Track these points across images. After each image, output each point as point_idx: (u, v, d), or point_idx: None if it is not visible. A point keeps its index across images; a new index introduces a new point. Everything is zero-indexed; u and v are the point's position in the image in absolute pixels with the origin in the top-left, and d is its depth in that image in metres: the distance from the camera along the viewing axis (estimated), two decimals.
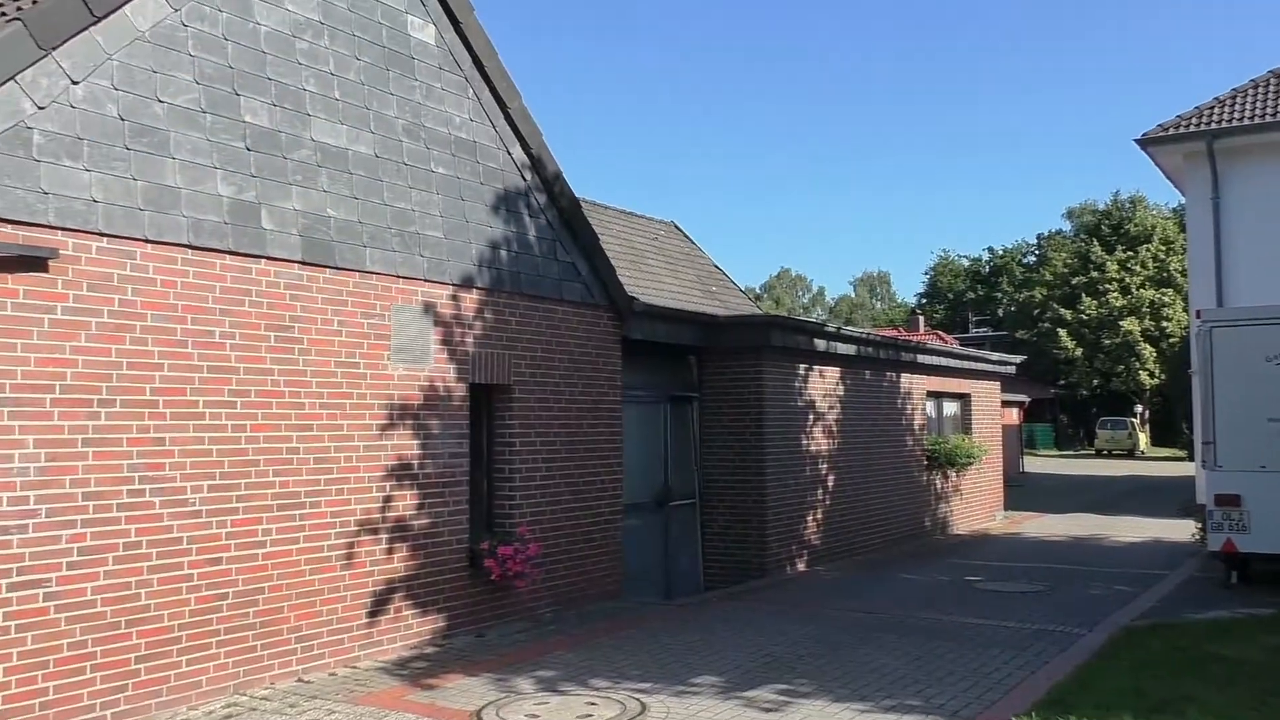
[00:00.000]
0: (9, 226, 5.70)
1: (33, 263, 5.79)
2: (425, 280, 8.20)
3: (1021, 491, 24.83)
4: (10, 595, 5.64)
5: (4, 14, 6.26)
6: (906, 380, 15.78)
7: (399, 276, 7.98)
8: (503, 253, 8.95)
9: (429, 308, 8.23)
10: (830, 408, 13.58)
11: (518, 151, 9.20)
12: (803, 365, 12.99)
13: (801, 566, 12.72)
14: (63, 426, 5.92)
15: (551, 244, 9.54)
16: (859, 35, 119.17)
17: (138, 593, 6.23)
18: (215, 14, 6.84)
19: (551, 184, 9.48)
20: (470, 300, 8.61)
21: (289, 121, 7.26)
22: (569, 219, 9.72)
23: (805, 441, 12.95)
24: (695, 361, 12.39)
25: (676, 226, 19.45)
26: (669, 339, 11.41)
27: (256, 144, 7.03)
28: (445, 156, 8.49)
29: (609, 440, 10.18)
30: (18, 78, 5.77)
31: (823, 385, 13.44)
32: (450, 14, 8.56)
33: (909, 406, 15.87)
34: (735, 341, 12.17)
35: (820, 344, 13.16)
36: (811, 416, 13.13)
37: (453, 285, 8.45)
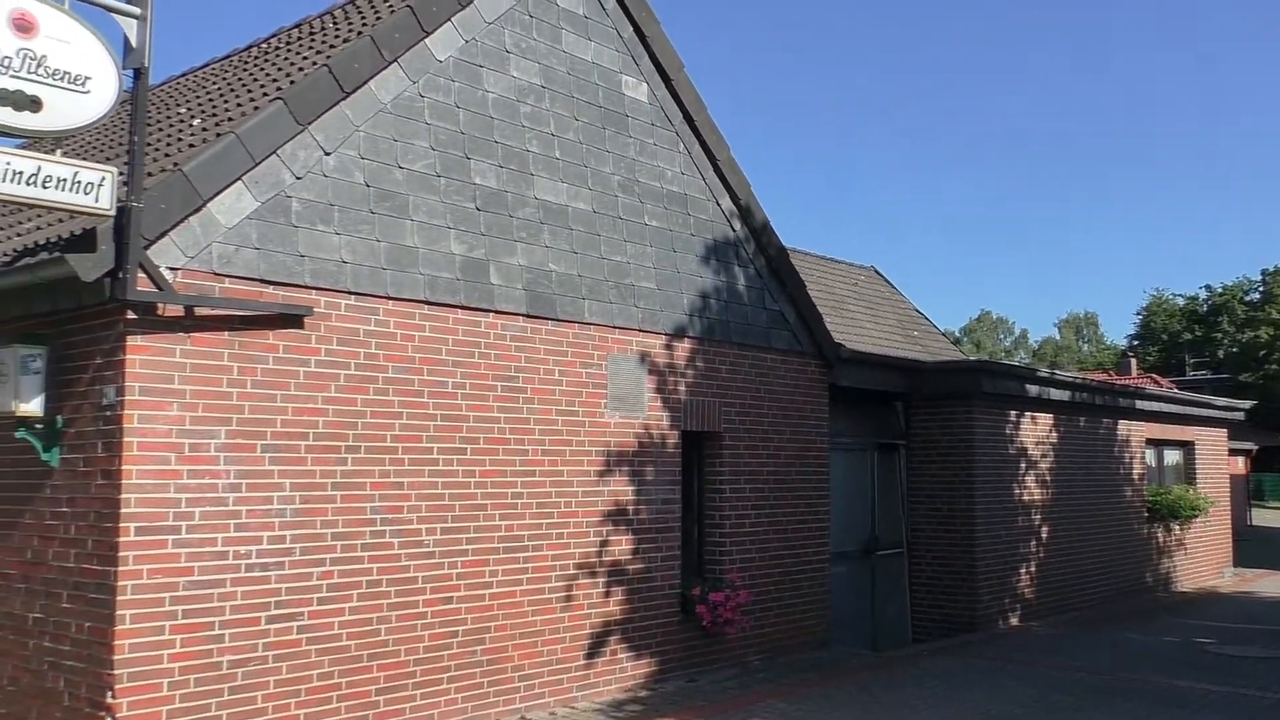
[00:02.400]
0: (271, 287, 6.23)
1: (291, 320, 6.29)
2: (640, 330, 8.39)
3: (1250, 546, 22.78)
4: (269, 627, 6.08)
5: (266, 95, 6.89)
6: (1124, 427, 14.84)
7: (615, 327, 8.20)
8: (713, 302, 9.05)
9: (643, 357, 8.40)
10: (1043, 456, 12.93)
11: (726, 202, 9.32)
12: (1013, 412, 12.44)
13: (1014, 621, 12.09)
14: (315, 471, 6.36)
15: (760, 292, 9.57)
16: (1057, 64, 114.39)
17: (378, 628, 6.59)
18: (448, 84, 7.29)
19: (759, 233, 9.54)
20: (682, 349, 8.74)
21: (514, 181, 7.63)
22: (776, 267, 9.74)
23: (1017, 491, 12.36)
24: (902, 408, 12.08)
25: (877, 271, 19.16)
26: (875, 385, 11.19)
27: (485, 204, 7.41)
28: (658, 210, 8.70)
29: (816, 488, 10.04)
30: (279, 151, 6.32)
31: (1035, 432, 12.82)
32: (662, 72, 8.80)
33: (1127, 455, 14.90)
34: (943, 388, 11.80)
35: (1032, 389, 12.58)
36: (1023, 465, 12.54)
37: (666, 335, 8.60)
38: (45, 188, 5.06)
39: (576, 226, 8.02)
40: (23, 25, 4.91)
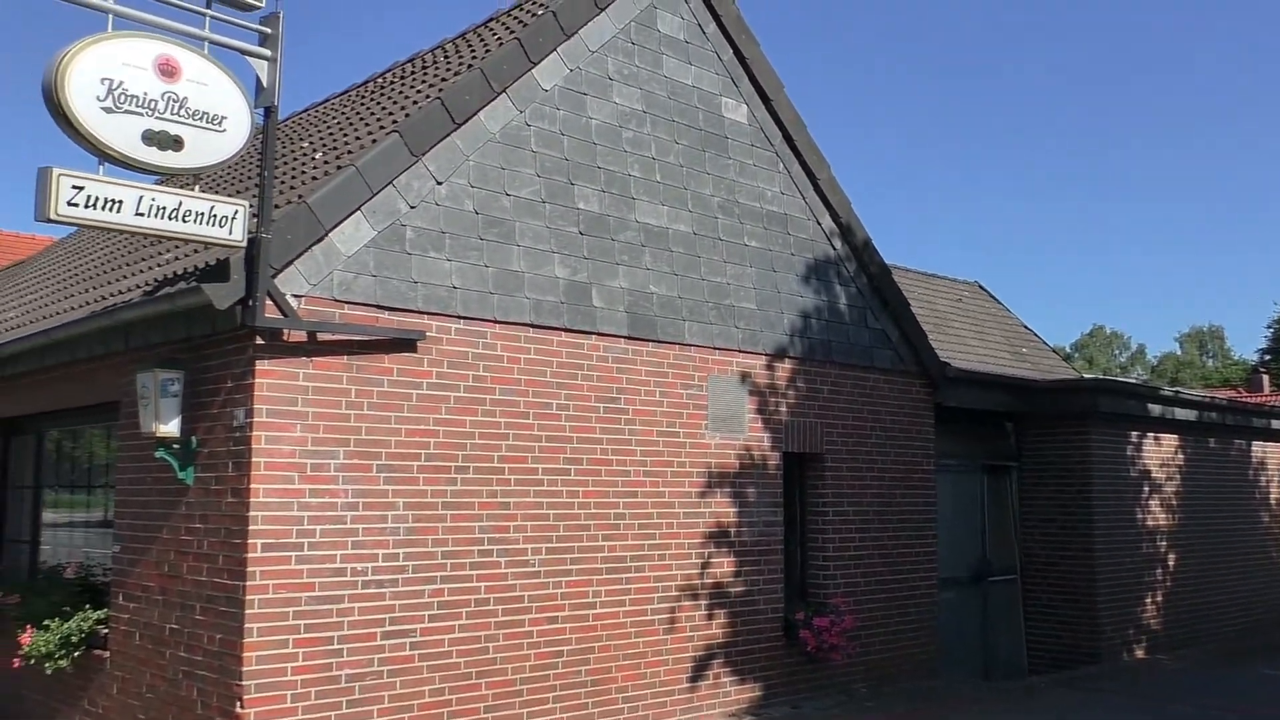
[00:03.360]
0: (386, 313, 6.49)
1: (405, 344, 6.53)
2: (740, 351, 8.42)
3: None
4: (383, 643, 6.30)
5: (382, 128, 7.20)
6: (1259, 449, 14.16)
7: (715, 348, 8.26)
8: (814, 322, 9.03)
9: (744, 378, 8.43)
10: (1168, 479, 12.43)
11: (827, 221, 9.30)
12: (1134, 433, 12.01)
13: (1139, 653, 11.63)
14: (426, 491, 6.58)
15: (861, 311, 9.51)
16: (1177, 70, 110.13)
17: (486, 646, 6.75)
18: (553, 112, 7.49)
19: (861, 251, 9.49)
20: (783, 370, 8.74)
21: (616, 206, 7.78)
22: (878, 285, 9.66)
23: (1139, 515, 11.91)
24: (1013, 429, 11.79)
25: (981, 286, 18.74)
26: (983, 405, 10.96)
27: (588, 228, 7.57)
28: (758, 230, 8.74)
29: (923, 511, 9.88)
30: (395, 182, 6.60)
31: (1158, 454, 12.34)
32: (761, 93, 8.86)
33: (1263, 478, 14.20)
34: (1057, 407, 11.48)
35: (1154, 409, 12.12)
36: (1146, 488, 12.08)
37: (766, 355, 8.61)
38: (185, 221, 5.41)
39: (677, 248, 8.12)
40: (167, 70, 5.27)
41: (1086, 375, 18.72)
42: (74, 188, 5.09)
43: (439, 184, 6.82)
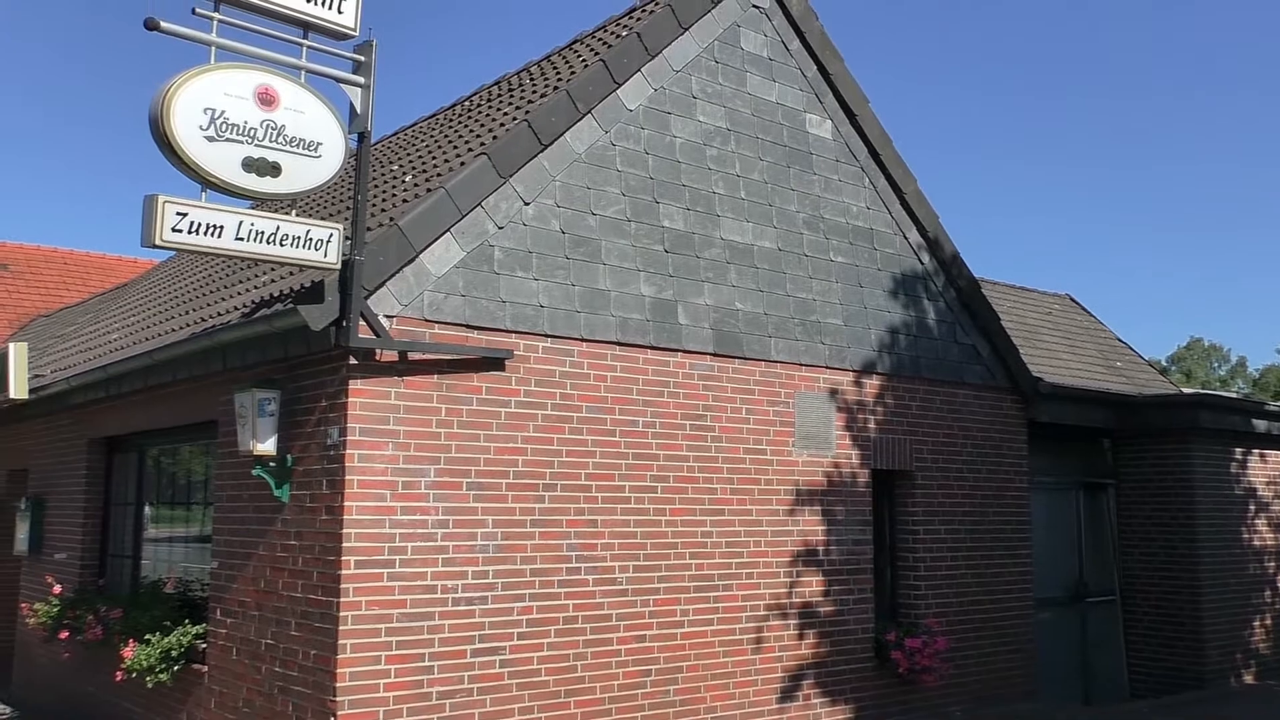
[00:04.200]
0: (475, 332, 6.56)
1: (493, 363, 6.59)
2: (826, 367, 8.31)
3: None
4: (473, 660, 6.33)
5: (470, 150, 7.30)
6: None
7: (801, 365, 8.16)
8: (901, 337, 8.88)
9: (831, 394, 8.32)
10: (1275, 497, 11.90)
11: (914, 235, 9.15)
12: (1238, 449, 11.54)
13: (1248, 679, 11.13)
14: (514, 508, 6.61)
15: (950, 326, 9.32)
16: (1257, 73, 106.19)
17: (574, 664, 6.75)
18: (638, 132, 7.51)
19: (949, 265, 9.30)
20: (870, 386, 8.60)
21: (700, 223, 7.76)
22: (968, 300, 9.46)
23: (1246, 535, 11.42)
24: (1109, 445, 11.42)
25: (1072, 299, 18.23)
26: (1078, 421, 10.64)
27: (673, 246, 7.56)
28: (843, 245, 8.63)
29: (1016, 530, 9.61)
30: (483, 203, 6.67)
31: (1263, 471, 11.83)
32: (846, 108, 8.77)
33: None
34: (1156, 423, 11.08)
35: (1259, 424, 11.63)
36: (1253, 507, 11.58)
37: (853, 371, 8.49)
38: (282, 245, 5.54)
39: (762, 265, 8.05)
40: (266, 99, 5.42)
41: (1185, 389, 18.06)
42: (178, 214, 5.25)
43: (526, 204, 6.88)
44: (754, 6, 8.33)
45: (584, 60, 7.95)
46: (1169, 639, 10.89)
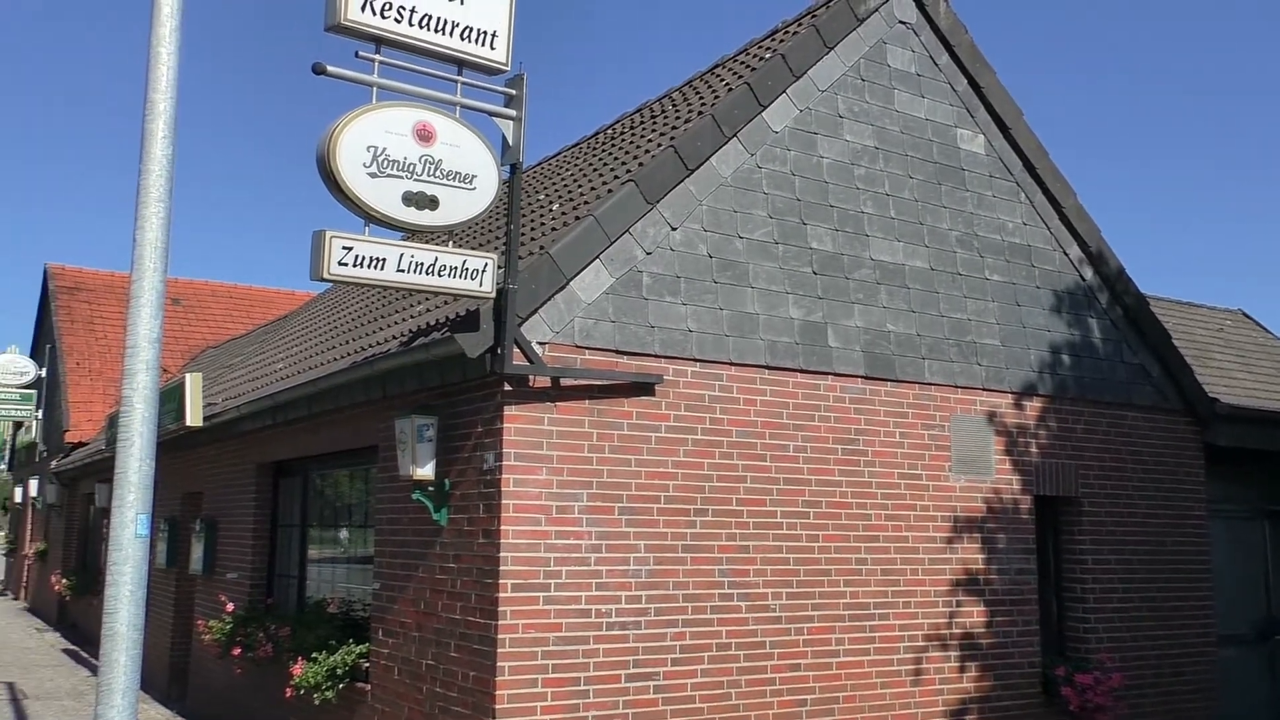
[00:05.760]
0: (625, 357, 6.59)
1: (643, 388, 6.60)
2: (984, 389, 8.01)
3: None
4: (628, 685, 6.31)
5: (616, 177, 7.38)
6: None
7: (957, 387, 7.89)
8: (1064, 357, 8.48)
9: (989, 417, 8.00)
10: None
11: (1075, 251, 8.75)
12: None
13: None
14: (666, 534, 6.58)
15: (1116, 345, 8.85)
16: None
17: (728, 692, 6.65)
18: (784, 153, 7.44)
19: (1113, 281, 8.85)
20: (1031, 408, 8.24)
21: (849, 244, 7.61)
22: (1135, 317, 8.97)
23: None
24: None
25: (1245, 314, 17.11)
26: (1262, 444, 9.92)
27: (822, 268, 7.44)
28: (999, 263, 8.32)
29: (1195, 560, 9.02)
30: (631, 229, 6.72)
31: None
32: (999, 122, 8.48)
33: None
34: None
35: None
36: None
37: (1012, 393, 8.15)
38: (440, 276, 5.70)
39: (914, 285, 7.84)
40: (424, 134, 5.61)
41: None
42: (344, 248, 5.46)
43: (673, 230, 6.89)
44: (900, 23, 8.16)
45: (727, 84, 7.94)
46: None
